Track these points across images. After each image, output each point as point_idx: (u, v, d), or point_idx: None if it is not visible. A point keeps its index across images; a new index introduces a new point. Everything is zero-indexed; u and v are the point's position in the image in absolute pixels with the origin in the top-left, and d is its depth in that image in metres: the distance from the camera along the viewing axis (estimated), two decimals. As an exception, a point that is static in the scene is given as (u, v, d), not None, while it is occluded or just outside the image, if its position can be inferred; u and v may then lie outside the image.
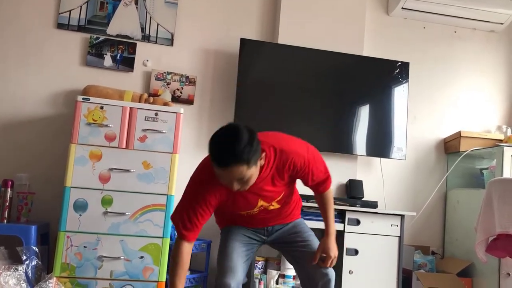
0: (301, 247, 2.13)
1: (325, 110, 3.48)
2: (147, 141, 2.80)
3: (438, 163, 3.80)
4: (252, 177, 1.78)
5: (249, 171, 1.73)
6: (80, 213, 2.67)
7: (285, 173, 1.93)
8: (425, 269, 3.38)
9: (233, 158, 1.67)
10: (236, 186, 1.77)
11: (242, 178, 1.73)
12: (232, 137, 1.70)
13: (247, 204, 1.99)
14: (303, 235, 2.17)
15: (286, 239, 2.19)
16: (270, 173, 1.90)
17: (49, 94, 3.22)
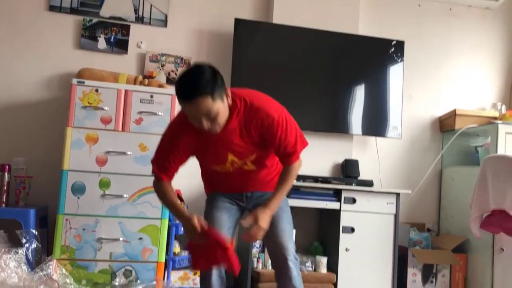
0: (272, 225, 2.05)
1: (320, 90, 3.48)
2: (143, 123, 2.80)
3: (433, 141, 3.83)
4: (220, 115, 1.81)
5: (215, 105, 1.77)
6: (78, 196, 2.69)
7: (253, 129, 1.93)
8: (420, 246, 3.43)
9: (197, 90, 1.73)
10: (206, 123, 1.80)
11: (209, 113, 1.77)
12: (195, 72, 1.78)
13: (217, 156, 1.99)
14: (277, 211, 2.05)
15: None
16: (239, 125, 1.92)
17: (43, 77, 3.20)
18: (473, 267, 3.35)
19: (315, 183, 3.18)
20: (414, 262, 3.32)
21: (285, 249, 2.01)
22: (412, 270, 3.32)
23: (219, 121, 1.83)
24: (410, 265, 3.32)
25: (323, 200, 3.12)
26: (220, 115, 1.82)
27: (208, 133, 1.88)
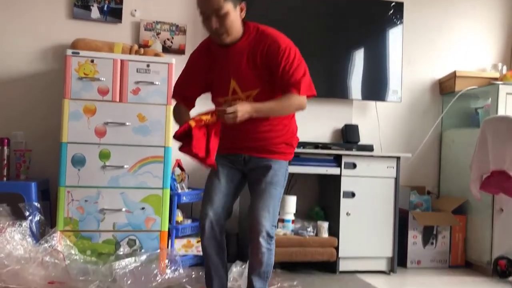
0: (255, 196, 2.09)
1: (318, 55, 3.43)
2: (141, 93, 2.78)
3: (433, 104, 3.81)
4: (229, 19, 1.91)
5: (226, 5, 1.88)
6: (79, 168, 2.69)
7: (259, 55, 1.98)
8: (421, 209, 3.46)
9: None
10: (215, 23, 1.90)
11: (218, 10, 1.88)
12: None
13: (222, 80, 2.04)
14: (266, 185, 2.06)
15: (252, 178, 2.13)
16: (247, 49, 1.99)
17: (37, 49, 3.15)
18: (473, 228, 3.39)
19: (315, 149, 3.18)
20: (414, 224, 3.36)
21: (259, 224, 2.01)
22: (412, 232, 3.37)
23: (228, 26, 1.92)
24: (411, 228, 3.36)
25: (324, 166, 3.12)
26: (230, 19, 1.91)
27: (218, 55, 2.02)
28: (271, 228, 2.05)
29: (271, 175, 2.08)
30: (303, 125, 3.44)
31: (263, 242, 2.03)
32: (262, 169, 2.09)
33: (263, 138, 2.09)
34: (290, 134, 2.16)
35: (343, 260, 3.10)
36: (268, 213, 2.04)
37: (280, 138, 2.11)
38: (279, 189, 2.10)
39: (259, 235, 2.02)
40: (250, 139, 2.09)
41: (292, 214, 3.12)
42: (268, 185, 2.07)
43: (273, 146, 2.10)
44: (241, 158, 2.13)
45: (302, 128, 3.42)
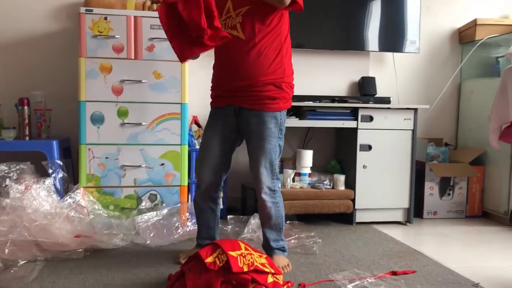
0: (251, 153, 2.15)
1: (335, 7, 3.36)
2: (155, 50, 2.77)
3: (452, 54, 3.72)
4: None
5: None
6: (98, 125, 2.74)
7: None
8: (438, 160, 3.46)
9: None
10: None
11: None
12: None
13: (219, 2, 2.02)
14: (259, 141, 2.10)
15: (246, 134, 2.16)
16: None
17: (51, 8, 3.14)
18: (491, 179, 3.39)
19: (331, 102, 3.16)
20: (431, 176, 3.37)
21: (259, 182, 2.11)
22: (429, 184, 3.38)
23: None
24: (427, 179, 3.37)
25: (340, 120, 3.12)
26: None
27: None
28: (271, 182, 2.13)
29: (263, 130, 2.10)
30: (319, 79, 3.46)
31: (266, 197, 2.12)
32: (253, 125, 2.11)
33: (249, 75, 2.06)
34: (280, 75, 2.10)
35: (359, 211, 3.15)
36: (265, 168, 2.10)
37: (268, 76, 2.07)
38: (273, 141, 2.12)
39: (261, 192, 2.12)
40: (238, 77, 2.08)
41: (308, 168, 3.15)
42: (261, 141, 2.10)
43: (261, 87, 2.07)
44: (232, 110, 2.14)
45: (318, 81, 3.45)
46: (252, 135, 2.12)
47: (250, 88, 2.08)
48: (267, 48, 2.06)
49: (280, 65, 2.10)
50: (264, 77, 2.06)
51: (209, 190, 2.24)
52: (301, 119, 3.10)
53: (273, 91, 2.09)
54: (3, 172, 2.51)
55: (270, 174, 2.13)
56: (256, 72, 2.06)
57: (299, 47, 3.33)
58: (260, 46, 2.05)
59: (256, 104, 2.09)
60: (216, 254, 1.77)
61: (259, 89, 2.07)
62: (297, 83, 3.31)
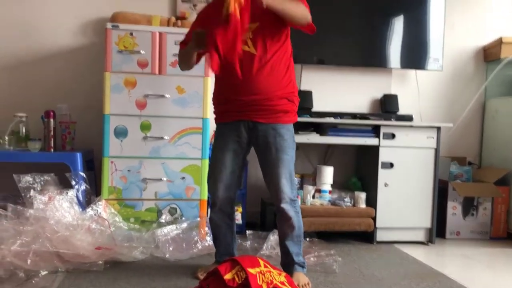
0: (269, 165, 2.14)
1: (357, 24, 3.36)
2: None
3: (477, 72, 3.68)
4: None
5: None
6: (121, 139, 2.78)
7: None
8: (461, 179, 3.40)
9: None
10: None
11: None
12: None
13: None
14: (278, 152, 2.11)
15: (261, 147, 2.16)
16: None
17: (78, 23, 3.22)
18: (516, 199, 3.31)
19: (353, 119, 3.15)
20: (454, 195, 3.31)
21: (281, 193, 2.12)
22: (452, 203, 3.32)
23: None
24: (450, 199, 3.31)
25: (362, 137, 3.10)
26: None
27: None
28: (292, 192, 2.15)
29: (280, 142, 2.12)
30: (340, 95, 3.45)
31: (288, 207, 2.13)
32: (270, 138, 2.12)
33: (264, 89, 2.08)
34: (291, 89, 2.16)
35: (380, 230, 3.11)
36: (286, 179, 2.13)
37: (281, 91, 2.11)
38: (290, 153, 2.15)
39: (284, 202, 2.13)
40: (251, 91, 2.08)
41: (329, 184, 3.13)
42: (280, 153, 2.12)
43: (275, 101, 2.10)
44: (242, 125, 2.15)
45: (339, 98, 3.45)
46: (270, 147, 2.13)
47: (265, 102, 2.11)
48: (278, 63, 2.11)
49: (290, 80, 2.17)
50: (279, 91, 2.11)
51: (225, 206, 2.25)
52: (322, 135, 3.09)
53: (286, 104, 2.15)
54: (27, 183, 2.56)
55: (290, 184, 2.15)
56: (272, 87, 2.10)
57: (320, 63, 3.34)
58: (272, 61, 2.10)
59: (271, 117, 2.13)
60: (235, 270, 1.77)
61: (274, 103, 2.11)
62: (318, 99, 3.34)
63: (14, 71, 3.18)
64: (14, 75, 3.18)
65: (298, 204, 2.20)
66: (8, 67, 3.17)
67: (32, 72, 3.19)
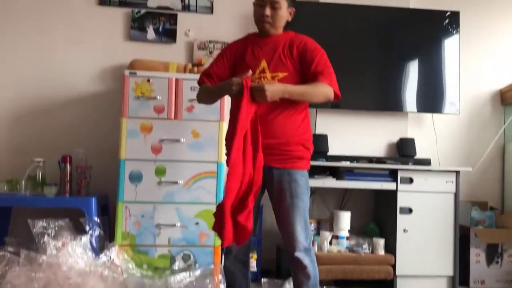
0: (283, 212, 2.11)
1: (372, 68, 3.39)
2: (195, 110, 2.83)
3: (495, 116, 3.64)
4: (279, 13, 2.12)
5: (283, 1, 2.11)
6: (136, 183, 2.77)
7: (295, 48, 2.13)
8: (483, 225, 3.29)
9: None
10: (267, 10, 2.11)
11: (276, 2, 2.10)
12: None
13: (253, 58, 2.15)
14: (292, 199, 2.08)
15: (275, 192, 2.13)
16: (284, 40, 2.15)
17: (97, 70, 3.31)
18: (542, 246, 3.18)
19: (369, 163, 3.11)
20: (477, 242, 3.19)
21: (295, 241, 2.06)
22: (475, 250, 3.20)
23: (275, 17, 2.12)
24: (473, 245, 3.20)
25: (379, 181, 3.05)
26: (280, 13, 2.13)
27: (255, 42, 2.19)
28: (306, 240, 2.09)
29: (295, 188, 2.09)
30: (355, 139, 3.43)
31: (303, 256, 2.07)
32: (284, 183, 2.10)
33: (281, 134, 2.09)
34: (308, 135, 2.18)
35: (400, 278, 2.99)
36: (300, 227, 2.08)
37: (298, 137, 2.12)
38: (305, 199, 2.12)
39: (299, 251, 2.06)
40: (269, 135, 2.08)
41: (346, 230, 3.06)
42: (294, 199, 2.08)
43: (291, 146, 2.10)
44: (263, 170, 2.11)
45: (355, 142, 3.42)
46: (285, 193, 2.10)
47: (282, 146, 2.10)
48: (296, 111, 2.13)
49: (306, 127, 2.19)
50: (296, 137, 2.12)
51: (240, 254, 2.19)
52: (338, 180, 3.05)
53: (301, 151, 2.14)
54: (42, 228, 2.55)
55: (305, 232, 2.09)
56: (289, 132, 2.11)
57: (335, 107, 3.34)
58: (291, 109, 2.11)
59: (287, 163, 2.11)
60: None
61: (291, 148, 2.11)
62: (334, 143, 3.32)
63: (33, 116, 3.24)
64: (33, 120, 3.24)
65: (313, 252, 2.13)
66: (27, 113, 3.24)
67: (50, 117, 3.25)
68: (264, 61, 2.14)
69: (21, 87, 3.25)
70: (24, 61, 3.26)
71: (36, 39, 3.27)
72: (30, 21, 3.27)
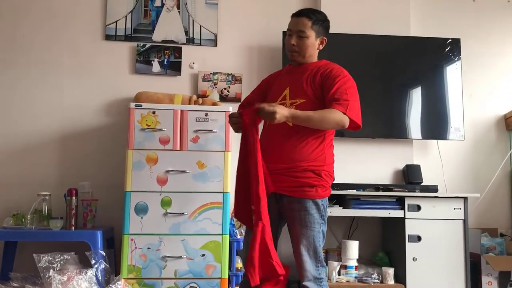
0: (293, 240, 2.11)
1: (375, 96, 3.41)
2: (200, 141, 2.85)
3: (500, 141, 3.63)
4: (307, 43, 2.16)
5: (309, 31, 2.15)
6: (142, 215, 2.76)
7: (319, 74, 2.15)
8: (494, 252, 3.23)
9: (305, 12, 2.18)
10: (294, 40, 2.16)
11: (301, 32, 2.14)
12: (316, 9, 2.28)
13: (279, 87, 2.22)
14: (301, 228, 2.06)
15: (287, 220, 2.13)
16: (312, 69, 2.19)
17: (103, 103, 3.34)
18: (556, 273, 3.12)
19: (376, 191, 3.09)
20: (488, 269, 3.13)
21: (303, 270, 2.05)
22: (487, 278, 3.14)
23: (302, 47, 2.16)
24: (484, 273, 3.14)
25: (386, 209, 3.02)
26: (307, 43, 2.16)
27: (287, 71, 2.27)
28: (316, 270, 2.06)
29: (304, 217, 2.06)
30: (362, 167, 3.42)
31: (312, 285, 2.04)
32: (295, 211, 2.08)
33: (290, 159, 2.07)
34: (320, 162, 2.11)
35: (412, 308, 2.93)
36: (309, 257, 2.05)
37: (308, 163, 2.08)
38: (317, 227, 2.07)
39: (307, 281, 2.04)
40: (279, 159, 2.08)
41: (355, 260, 3.01)
42: (304, 228, 2.06)
43: (299, 172, 2.07)
44: (272, 197, 2.10)
45: (361, 169, 3.41)
46: (295, 221, 2.09)
47: (289, 172, 2.08)
48: (311, 136, 2.10)
49: (322, 153, 2.12)
50: (305, 162, 2.08)
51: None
52: (345, 208, 3.02)
53: (312, 178, 2.09)
54: (47, 262, 2.53)
55: (314, 261, 2.06)
56: (297, 157, 2.08)
57: (340, 135, 3.33)
58: (305, 134, 2.09)
59: (296, 191, 2.08)
60: None
61: (298, 175, 2.07)
62: (339, 171, 3.29)
63: (39, 149, 3.26)
64: (39, 154, 3.26)
65: (325, 283, 2.09)
66: (33, 146, 3.27)
67: (58, 151, 3.27)
68: (288, 89, 2.17)
69: (27, 120, 3.28)
70: (31, 94, 3.31)
71: (42, 73, 3.32)
72: (37, 55, 3.33)
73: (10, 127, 3.27)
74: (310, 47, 2.18)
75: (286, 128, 2.09)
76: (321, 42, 2.22)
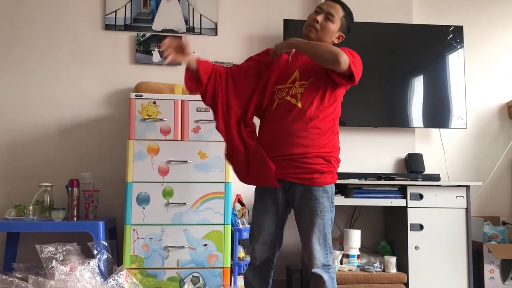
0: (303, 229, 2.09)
1: (377, 84, 3.38)
2: (201, 131, 2.84)
3: (503, 129, 3.61)
4: (330, 26, 2.14)
5: (338, 17, 2.16)
6: (144, 206, 2.76)
7: None
8: (496, 240, 3.23)
9: (342, 3, 2.21)
10: (319, 17, 2.13)
11: (331, 15, 2.14)
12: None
13: (288, 69, 2.15)
14: (312, 216, 2.04)
15: (296, 209, 2.11)
16: None
17: (103, 94, 3.33)
18: (558, 261, 3.11)
19: (378, 180, 3.08)
20: (490, 257, 3.13)
21: (314, 258, 2.04)
22: (489, 266, 3.14)
23: (323, 27, 2.13)
24: (487, 261, 3.14)
25: (388, 198, 3.02)
26: (331, 27, 2.15)
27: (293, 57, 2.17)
28: (325, 257, 2.05)
29: (316, 205, 2.04)
30: (363, 156, 3.41)
31: (322, 273, 2.03)
32: (304, 200, 2.06)
33: (302, 144, 2.04)
34: (330, 148, 2.09)
35: (414, 297, 2.94)
36: (319, 244, 2.04)
37: (317, 149, 2.05)
38: (327, 215, 2.06)
39: (316, 268, 2.04)
40: (286, 144, 2.05)
41: (357, 249, 3.01)
42: (314, 217, 2.04)
43: (310, 158, 2.04)
44: (281, 187, 2.09)
45: (363, 158, 3.40)
46: (305, 210, 2.06)
47: (300, 159, 2.04)
48: (321, 122, 2.07)
49: (331, 139, 2.10)
50: (316, 149, 2.05)
51: (262, 267, 2.15)
52: (347, 197, 3.02)
53: (321, 164, 2.06)
54: (50, 253, 2.54)
55: (324, 249, 2.05)
56: (309, 142, 2.05)
57: (342, 124, 3.29)
58: (315, 119, 2.06)
59: (305, 179, 2.05)
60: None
61: (309, 161, 2.04)
62: (342, 160, 3.28)
63: (40, 140, 3.26)
64: (40, 145, 3.25)
65: (333, 270, 2.08)
66: (34, 137, 3.26)
67: (57, 141, 3.27)
68: (297, 71, 2.13)
69: (28, 111, 3.27)
70: (31, 85, 3.29)
71: (42, 63, 3.30)
72: (36, 46, 3.31)
73: (10, 118, 3.26)
74: (330, 33, 2.16)
75: (296, 112, 2.05)
76: (339, 36, 2.20)
